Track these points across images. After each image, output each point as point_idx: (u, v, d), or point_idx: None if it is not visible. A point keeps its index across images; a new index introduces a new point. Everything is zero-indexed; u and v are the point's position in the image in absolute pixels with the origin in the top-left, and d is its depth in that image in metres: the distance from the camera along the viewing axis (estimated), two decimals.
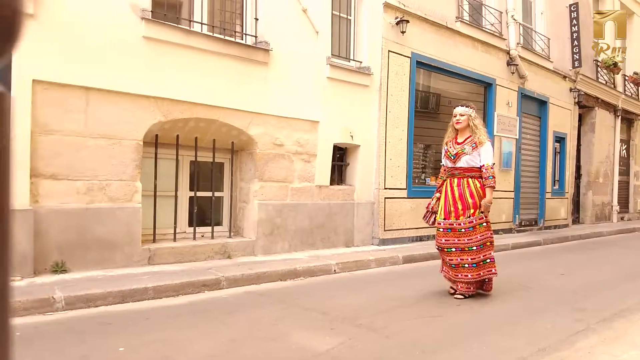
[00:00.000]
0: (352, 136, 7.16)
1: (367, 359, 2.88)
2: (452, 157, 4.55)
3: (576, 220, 13.14)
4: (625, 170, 15.57)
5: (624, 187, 15.50)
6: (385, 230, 7.51)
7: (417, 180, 8.33)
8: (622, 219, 14.85)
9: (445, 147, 4.68)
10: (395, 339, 3.26)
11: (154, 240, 5.45)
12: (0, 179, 0.34)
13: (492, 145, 9.26)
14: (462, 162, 4.49)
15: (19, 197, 4.44)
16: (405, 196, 7.84)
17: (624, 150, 15.48)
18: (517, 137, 10.35)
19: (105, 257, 4.90)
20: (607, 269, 6.56)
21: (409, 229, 7.79)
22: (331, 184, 7.04)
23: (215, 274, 4.78)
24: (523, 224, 10.60)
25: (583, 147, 13.36)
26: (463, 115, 4.55)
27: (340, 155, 7.38)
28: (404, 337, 3.30)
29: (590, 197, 13.33)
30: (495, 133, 9.66)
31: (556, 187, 12.03)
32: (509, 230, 10.02)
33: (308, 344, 3.10)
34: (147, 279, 4.44)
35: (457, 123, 4.58)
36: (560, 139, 12.12)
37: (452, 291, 4.54)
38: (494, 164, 4.54)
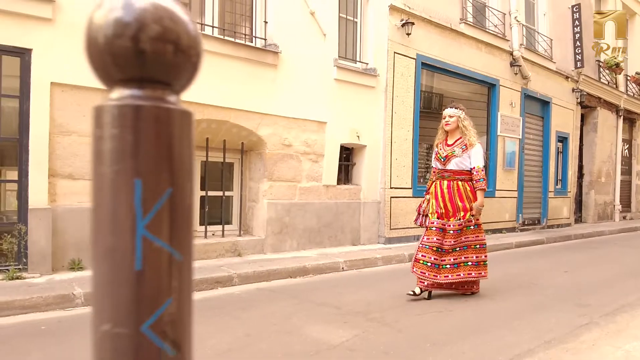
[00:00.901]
0: (358, 136, 7.28)
1: (382, 351, 3.01)
2: (442, 159, 4.50)
3: (578, 219, 13.25)
4: (627, 170, 15.67)
5: (626, 186, 15.60)
6: (391, 229, 7.64)
7: (422, 180, 8.44)
8: (624, 218, 14.96)
9: (436, 149, 4.62)
10: (407, 332, 3.39)
11: None
12: (185, 178, 0.47)
13: (491, 146, 9.48)
14: (452, 165, 4.44)
15: (38, 196, 4.58)
16: (411, 195, 7.96)
17: (626, 150, 15.58)
18: (521, 137, 10.46)
19: None
20: (609, 267, 6.67)
21: (414, 227, 7.90)
22: (338, 183, 7.17)
23: (227, 271, 4.91)
24: (526, 222, 10.72)
25: (585, 146, 13.46)
26: (452, 116, 4.49)
27: (347, 155, 7.51)
28: (415, 331, 3.43)
29: (593, 197, 13.43)
30: (498, 133, 9.78)
31: (559, 186, 12.14)
32: (512, 229, 10.13)
33: (323, 337, 3.23)
34: None
35: (446, 125, 4.52)
36: (562, 139, 12.23)
37: (412, 294, 4.36)
38: (484, 166, 4.52)
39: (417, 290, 4.38)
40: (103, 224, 0.44)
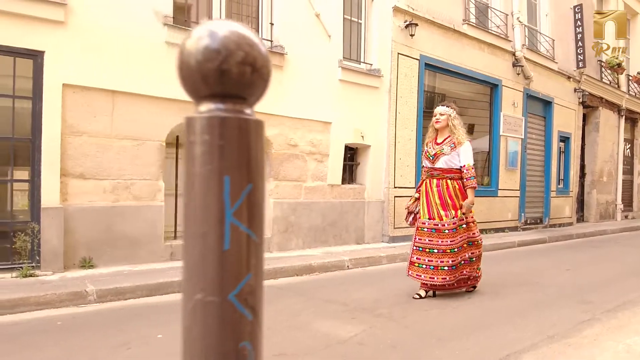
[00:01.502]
0: (362, 136, 7.37)
1: (389, 345, 3.10)
2: (431, 158, 4.48)
3: (580, 218, 13.33)
4: (629, 169, 15.74)
5: (628, 185, 15.66)
6: (394, 228, 7.72)
7: None
8: (626, 217, 15.03)
9: (425, 148, 4.62)
10: (413, 328, 3.49)
11: (175, 237, 5.68)
12: (260, 175, 0.56)
13: (494, 146, 9.56)
14: (441, 163, 4.42)
15: (50, 195, 4.68)
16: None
17: (628, 150, 15.65)
18: (523, 136, 10.55)
19: (129, 253, 5.13)
20: (611, 265, 6.75)
21: None
22: (342, 183, 7.26)
23: None
24: (528, 222, 10.80)
25: (587, 146, 13.54)
26: (443, 114, 4.47)
27: (351, 155, 7.60)
28: (421, 327, 3.52)
29: (595, 196, 13.51)
30: (501, 133, 9.86)
31: (561, 186, 12.22)
32: (514, 228, 10.21)
33: (332, 332, 3.32)
34: (172, 274, 4.66)
35: (436, 122, 4.51)
36: (564, 139, 12.31)
37: (417, 297, 4.35)
38: (474, 164, 4.53)
39: (422, 293, 4.40)
40: (195, 213, 0.53)
